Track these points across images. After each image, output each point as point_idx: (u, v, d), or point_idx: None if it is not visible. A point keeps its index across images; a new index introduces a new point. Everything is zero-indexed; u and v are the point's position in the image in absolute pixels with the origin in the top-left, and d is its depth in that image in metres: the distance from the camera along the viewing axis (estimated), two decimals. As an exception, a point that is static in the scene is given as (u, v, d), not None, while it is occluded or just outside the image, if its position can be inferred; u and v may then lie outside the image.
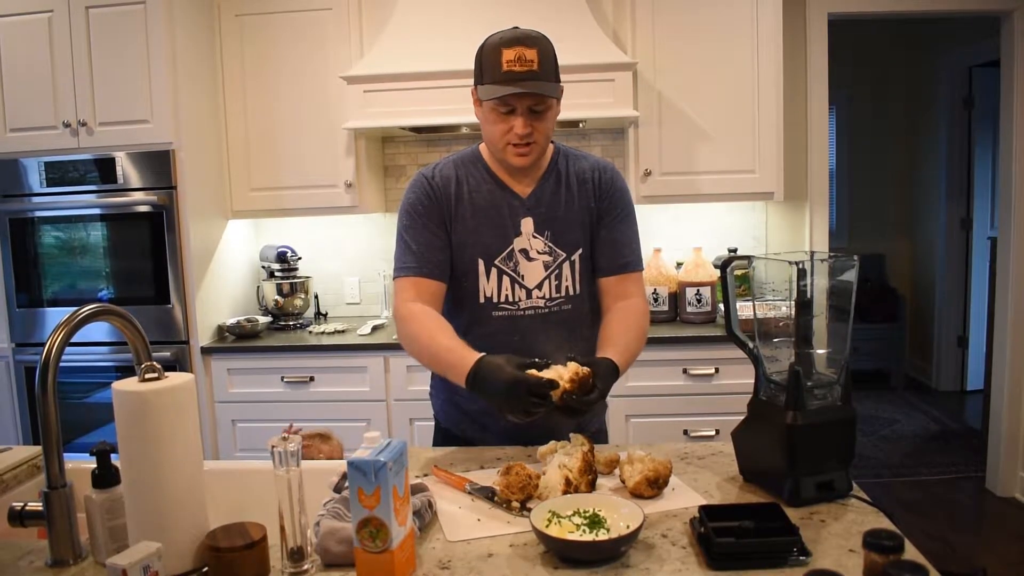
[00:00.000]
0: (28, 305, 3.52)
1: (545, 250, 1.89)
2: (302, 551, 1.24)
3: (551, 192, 1.91)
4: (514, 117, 1.77)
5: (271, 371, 3.45)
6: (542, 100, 1.77)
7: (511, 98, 1.75)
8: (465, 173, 1.92)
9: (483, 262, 1.88)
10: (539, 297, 1.89)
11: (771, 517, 1.31)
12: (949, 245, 5.92)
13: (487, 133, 1.86)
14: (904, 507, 4.04)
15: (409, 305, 1.84)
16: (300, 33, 3.58)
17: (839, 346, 1.51)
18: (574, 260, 1.91)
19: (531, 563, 1.26)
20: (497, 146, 1.84)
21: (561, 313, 1.91)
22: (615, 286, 1.94)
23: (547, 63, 1.76)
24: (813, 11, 3.73)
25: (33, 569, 1.31)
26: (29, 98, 3.41)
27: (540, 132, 1.81)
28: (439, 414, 2.08)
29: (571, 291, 1.91)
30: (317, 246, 4.07)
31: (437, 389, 2.07)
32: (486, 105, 1.80)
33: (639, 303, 1.94)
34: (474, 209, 1.89)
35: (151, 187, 3.38)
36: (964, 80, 5.72)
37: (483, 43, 1.81)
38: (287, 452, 1.22)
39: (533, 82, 1.73)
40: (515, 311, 1.89)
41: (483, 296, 1.89)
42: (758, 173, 3.48)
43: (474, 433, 1.97)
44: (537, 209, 1.90)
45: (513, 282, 1.88)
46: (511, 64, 1.72)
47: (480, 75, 1.80)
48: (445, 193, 1.89)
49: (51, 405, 1.26)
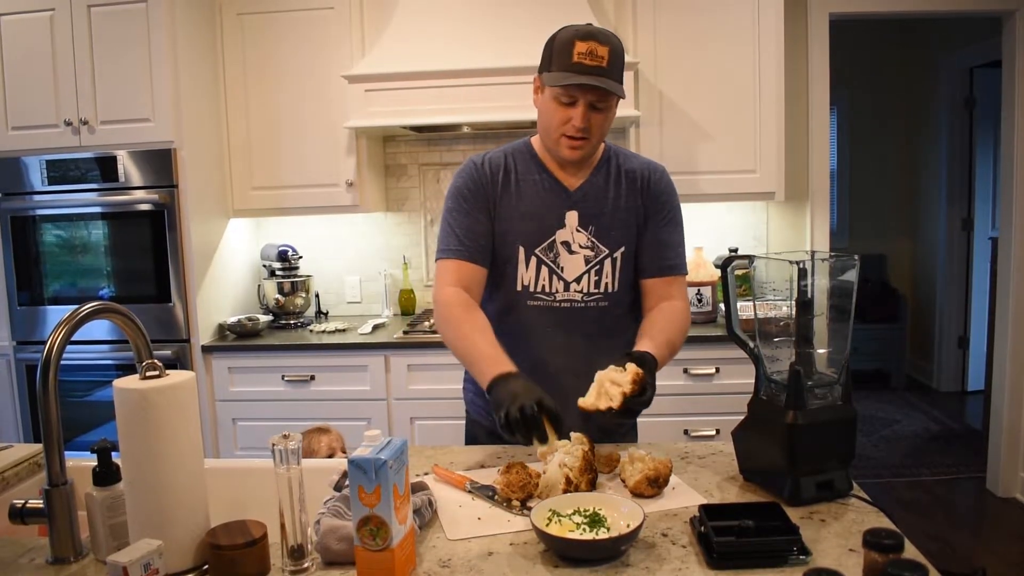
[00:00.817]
0: (29, 303, 3.52)
1: (588, 244, 1.89)
2: (302, 549, 1.25)
3: (599, 188, 1.92)
4: (574, 108, 1.77)
5: (272, 370, 3.45)
6: (605, 97, 1.77)
7: (575, 89, 1.75)
8: (515, 161, 1.93)
9: (523, 250, 1.88)
10: (576, 291, 1.89)
11: (771, 516, 1.31)
12: (950, 245, 5.92)
13: (544, 121, 1.85)
14: (904, 507, 4.04)
15: (448, 290, 1.84)
16: (302, 32, 3.58)
17: (840, 346, 1.51)
18: (616, 258, 1.91)
19: (531, 562, 1.26)
20: (552, 135, 1.84)
21: (597, 309, 1.91)
22: (658, 288, 1.94)
23: (616, 63, 1.76)
24: (814, 11, 3.73)
25: (34, 566, 1.31)
26: (31, 96, 3.41)
27: (597, 128, 1.81)
28: (469, 405, 2.09)
29: (610, 288, 1.91)
30: (318, 245, 4.07)
31: (469, 380, 2.07)
32: (549, 92, 1.80)
33: (681, 305, 1.94)
34: (520, 197, 1.90)
35: (152, 185, 3.38)
36: (965, 80, 5.72)
37: (556, 33, 1.81)
38: (288, 450, 1.22)
39: (601, 77, 1.73)
40: (551, 302, 1.89)
41: (520, 284, 1.89)
42: (759, 173, 3.48)
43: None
44: (583, 203, 1.90)
45: (552, 273, 1.89)
46: (582, 56, 1.73)
47: (548, 62, 1.80)
48: (493, 179, 1.90)
49: (52, 403, 1.27)
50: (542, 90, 1.84)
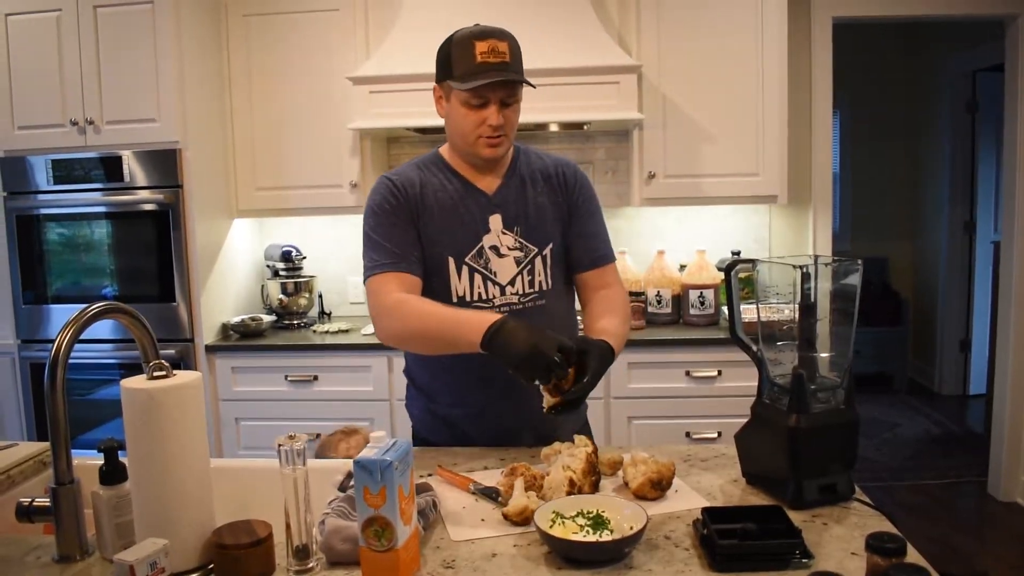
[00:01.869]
0: (34, 302, 3.53)
1: (516, 246, 1.88)
2: (307, 549, 1.25)
3: (517, 189, 1.91)
4: (487, 109, 1.77)
5: (275, 370, 3.46)
6: (513, 92, 1.78)
7: (485, 89, 1.74)
8: (428, 175, 1.90)
9: (453, 260, 1.86)
10: (512, 293, 1.88)
11: (774, 519, 1.31)
12: (952, 249, 5.91)
13: (457, 127, 1.84)
14: (906, 511, 4.03)
15: (395, 295, 1.77)
16: (307, 34, 3.59)
17: (842, 349, 1.52)
18: (545, 255, 1.91)
19: (535, 563, 1.27)
20: (468, 139, 1.82)
21: (536, 309, 1.89)
22: (594, 279, 1.97)
23: (516, 56, 1.78)
24: (817, 15, 3.74)
25: (40, 565, 1.32)
26: (37, 96, 3.42)
27: (510, 124, 1.82)
28: (416, 424, 2.05)
29: (544, 286, 1.91)
30: (321, 245, 4.08)
31: (413, 399, 2.05)
32: (457, 99, 1.79)
33: (619, 289, 1.98)
34: (440, 208, 1.87)
35: (157, 186, 3.39)
36: (968, 84, 5.72)
37: (448, 39, 1.81)
38: (293, 451, 1.23)
39: (507, 72, 1.74)
40: (489, 308, 1.86)
41: (455, 295, 1.87)
42: (762, 176, 3.48)
43: (452, 442, 1.93)
44: (504, 206, 1.89)
45: (485, 279, 1.87)
46: (485, 56, 1.73)
47: (449, 69, 1.78)
48: (411, 193, 1.86)
49: (60, 402, 1.27)
50: (446, 98, 1.83)
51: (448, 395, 1.93)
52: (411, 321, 1.76)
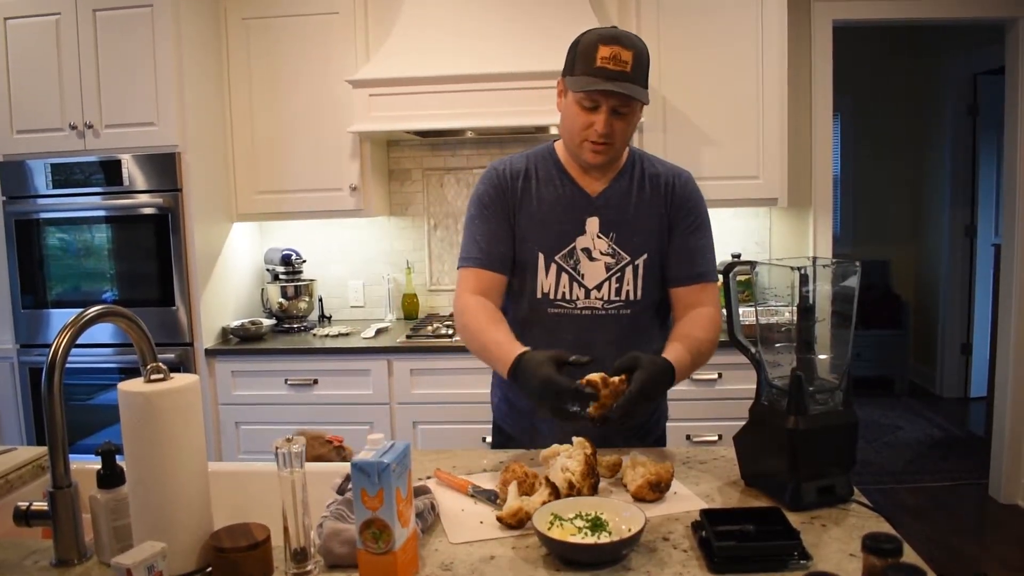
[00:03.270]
0: (33, 306, 3.53)
1: (608, 251, 1.87)
2: (305, 552, 1.25)
3: (622, 194, 1.89)
4: (597, 114, 1.76)
5: (275, 374, 3.46)
6: (628, 103, 1.75)
7: (598, 95, 1.74)
8: (536, 167, 1.92)
9: (543, 256, 1.87)
10: (597, 298, 1.87)
11: (772, 521, 1.31)
12: (953, 252, 5.92)
13: (566, 125, 1.84)
14: (907, 513, 4.03)
15: (467, 297, 1.85)
16: (306, 37, 3.60)
17: (841, 352, 1.52)
18: (638, 265, 1.88)
19: (533, 565, 1.27)
20: (574, 140, 1.82)
21: (620, 317, 1.88)
22: (688, 296, 1.90)
23: (640, 67, 1.74)
24: (818, 18, 3.74)
25: (38, 568, 1.31)
26: (36, 100, 3.42)
27: (620, 134, 1.79)
28: (495, 410, 2.09)
29: (632, 296, 1.88)
30: (321, 249, 4.08)
31: (494, 386, 2.09)
32: (571, 97, 1.79)
33: (711, 311, 1.89)
34: (540, 203, 1.88)
35: (156, 189, 3.39)
36: (969, 87, 5.73)
37: (580, 35, 1.80)
38: (291, 453, 1.22)
39: (624, 83, 1.71)
40: (571, 309, 1.87)
41: (540, 291, 1.88)
42: (762, 179, 3.48)
43: (523, 432, 1.97)
44: (605, 209, 1.88)
45: (572, 280, 1.87)
46: (605, 61, 1.71)
47: (571, 66, 1.78)
48: (513, 185, 1.89)
49: (57, 405, 1.27)
50: (565, 94, 1.82)
51: None
52: (463, 335, 1.85)
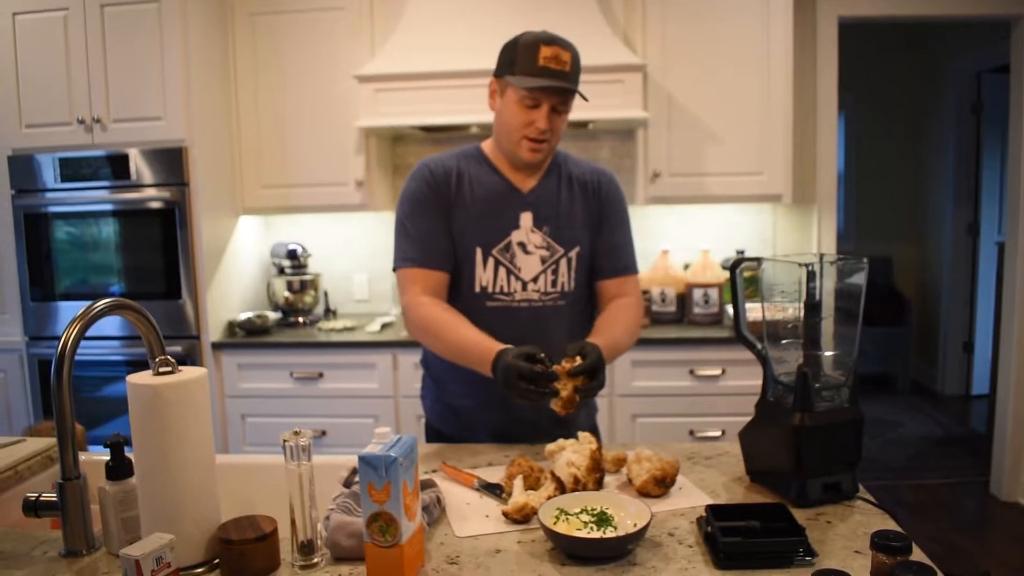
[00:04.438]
0: (41, 299, 3.54)
1: (543, 245, 1.92)
2: (312, 544, 1.26)
3: (551, 191, 1.95)
4: (537, 111, 1.81)
5: (281, 367, 3.47)
6: (565, 101, 1.83)
7: (540, 93, 1.79)
8: (466, 166, 1.95)
9: (480, 251, 1.90)
10: (534, 290, 1.92)
11: (777, 517, 1.31)
12: (956, 250, 5.91)
13: (505, 123, 1.88)
14: (908, 510, 4.03)
15: (420, 299, 1.87)
16: (312, 32, 3.60)
17: (847, 348, 1.52)
18: (571, 257, 1.94)
19: (538, 559, 1.27)
20: (512, 138, 1.87)
21: (556, 308, 1.94)
22: (613, 287, 2.00)
23: (576, 69, 1.83)
24: (823, 14, 3.73)
25: (47, 559, 1.32)
26: (44, 95, 3.43)
27: (556, 131, 1.87)
28: (429, 413, 2.12)
29: (566, 287, 1.94)
30: (327, 243, 4.09)
31: (427, 388, 2.12)
32: (512, 95, 1.83)
33: (633, 301, 2.00)
34: (474, 199, 1.92)
35: (163, 183, 3.41)
36: (973, 85, 5.71)
37: (516, 37, 1.84)
38: (298, 446, 1.23)
39: (565, 81, 1.78)
40: (509, 302, 1.91)
41: (478, 285, 1.91)
42: (766, 175, 3.48)
43: (461, 432, 2.01)
44: (537, 205, 1.93)
45: (509, 273, 1.91)
46: (548, 61, 1.77)
47: (510, 66, 1.82)
48: (447, 182, 1.92)
49: (66, 397, 1.28)
50: (501, 93, 1.87)
51: (458, 385, 1.97)
52: (427, 337, 1.88)
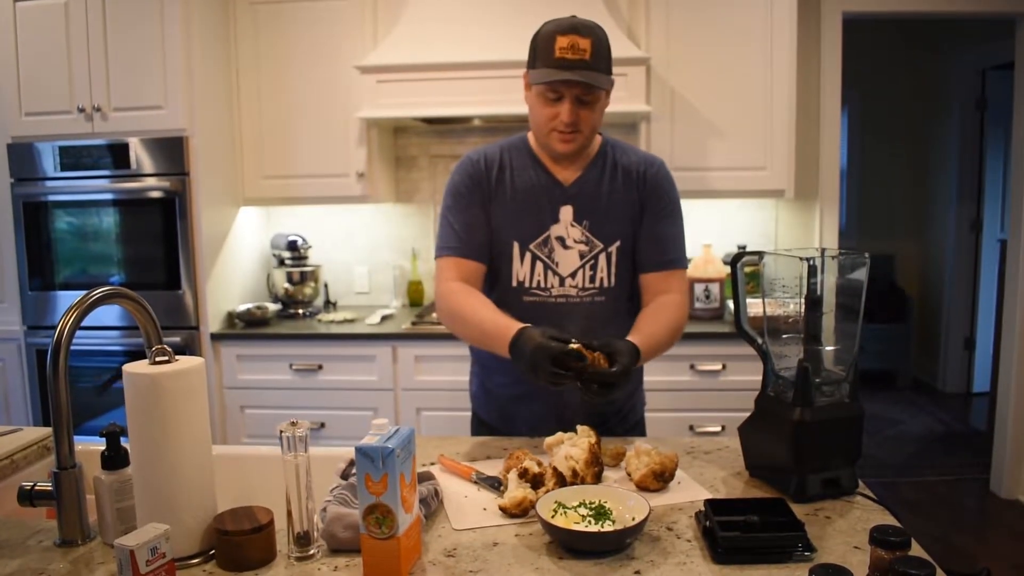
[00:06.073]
0: (40, 288, 3.54)
1: (582, 239, 1.89)
2: (308, 536, 1.25)
3: (594, 182, 1.90)
4: (561, 104, 1.77)
5: (280, 358, 3.46)
6: (590, 90, 1.76)
7: (559, 85, 1.75)
8: (510, 157, 1.93)
9: (518, 245, 1.89)
10: (572, 286, 1.89)
11: (777, 512, 1.31)
12: (958, 247, 5.90)
13: (533, 117, 1.86)
14: (907, 507, 4.03)
15: (450, 284, 1.86)
16: (315, 22, 3.59)
17: (848, 344, 1.51)
18: (611, 252, 1.90)
19: (536, 553, 1.27)
20: (542, 131, 1.84)
21: (594, 304, 1.90)
22: (656, 282, 1.91)
23: (600, 54, 1.75)
24: (827, 9, 3.72)
25: (42, 548, 1.32)
26: (45, 83, 3.42)
27: (586, 122, 1.80)
28: (473, 399, 2.11)
29: (606, 283, 1.90)
30: (327, 235, 4.08)
31: (473, 374, 2.10)
32: (535, 90, 1.81)
33: (677, 298, 1.90)
34: (514, 192, 1.90)
35: (164, 173, 3.39)
36: (977, 82, 5.69)
37: (540, 28, 1.81)
38: (295, 437, 1.22)
39: (583, 71, 1.72)
40: (546, 297, 1.89)
41: (515, 280, 1.90)
42: (769, 170, 3.47)
43: (500, 420, 2.00)
44: (578, 198, 1.89)
45: (546, 268, 1.89)
46: (563, 51, 1.72)
47: (532, 59, 1.81)
48: (488, 175, 1.91)
49: (62, 386, 1.27)
50: (528, 87, 1.85)
51: (501, 374, 1.95)
52: (452, 321, 1.86)
